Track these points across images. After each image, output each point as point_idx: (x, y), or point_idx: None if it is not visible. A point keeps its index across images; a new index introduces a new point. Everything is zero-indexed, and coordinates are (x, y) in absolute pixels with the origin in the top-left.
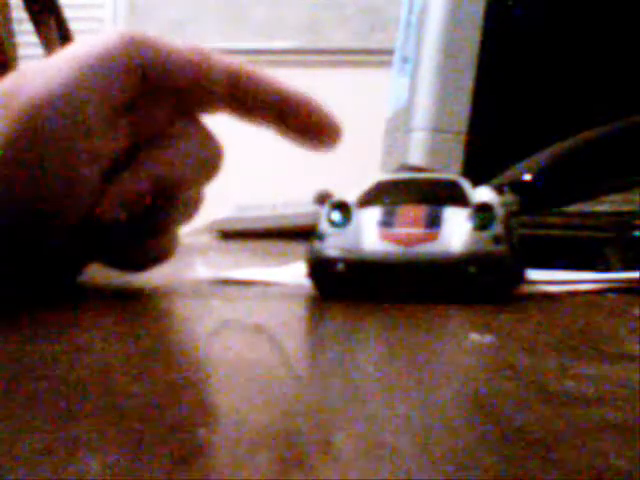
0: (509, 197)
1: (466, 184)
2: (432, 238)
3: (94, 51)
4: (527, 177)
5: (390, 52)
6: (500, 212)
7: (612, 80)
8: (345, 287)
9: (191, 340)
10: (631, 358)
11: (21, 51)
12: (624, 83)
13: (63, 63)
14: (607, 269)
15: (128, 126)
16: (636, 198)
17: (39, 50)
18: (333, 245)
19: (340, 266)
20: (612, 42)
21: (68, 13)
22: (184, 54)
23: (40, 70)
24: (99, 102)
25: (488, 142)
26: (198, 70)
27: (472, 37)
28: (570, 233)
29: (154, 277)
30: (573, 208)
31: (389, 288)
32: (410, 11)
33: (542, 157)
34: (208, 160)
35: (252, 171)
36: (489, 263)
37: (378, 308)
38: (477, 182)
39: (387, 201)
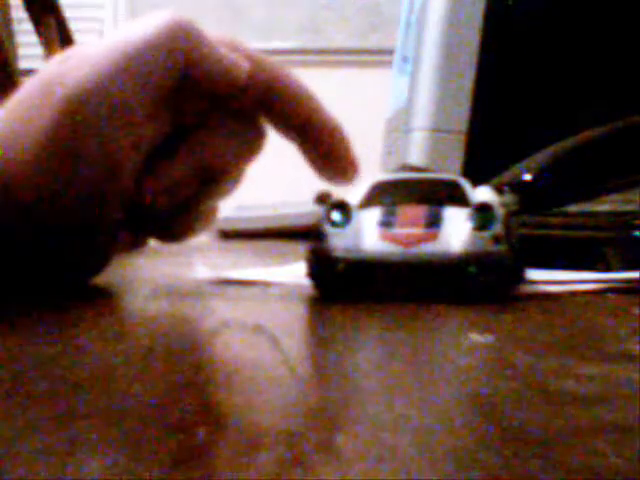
0: (509, 197)
1: (466, 184)
2: (432, 238)
3: (138, 40)
4: (527, 177)
5: (390, 52)
6: (500, 212)
7: (612, 80)
8: (345, 287)
9: (191, 340)
10: (631, 358)
11: (21, 51)
12: (624, 83)
13: (108, 52)
14: (607, 269)
15: (169, 114)
16: (636, 198)
17: (39, 50)
18: (333, 245)
19: (340, 266)
20: (612, 42)
21: (68, 13)
22: (224, 61)
23: (84, 58)
24: (141, 92)
25: (488, 142)
26: (234, 80)
27: (472, 37)
28: (570, 233)
29: (154, 277)
30: (573, 208)
31: (389, 288)
32: (410, 11)
33: (542, 157)
34: (250, 143)
35: (252, 171)
36: (489, 263)
37: (378, 308)
38: (477, 182)
39: (387, 201)
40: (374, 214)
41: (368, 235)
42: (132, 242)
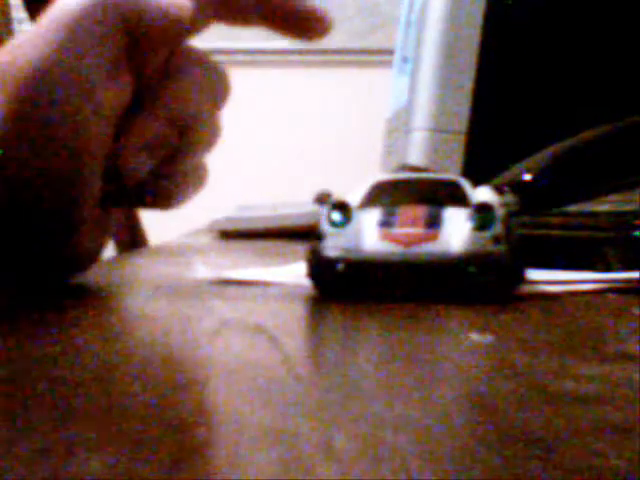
0: (509, 197)
1: (466, 184)
2: (432, 238)
3: (74, 11)
4: (527, 177)
5: (390, 52)
6: (500, 212)
7: (612, 80)
8: (345, 287)
9: (191, 340)
10: (631, 358)
11: None
12: (624, 83)
13: (48, 30)
14: (607, 269)
15: (129, 74)
16: (636, 198)
17: None
18: (333, 245)
19: (340, 266)
20: (612, 42)
21: None
22: (162, 5)
23: (28, 41)
24: (93, 58)
25: (488, 142)
26: (178, 19)
27: (472, 37)
28: (570, 233)
29: (154, 277)
30: (573, 208)
31: (389, 288)
32: (410, 11)
33: (542, 157)
34: (215, 83)
35: (252, 171)
36: (489, 263)
37: (378, 308)
38: (477, 182)
39: (387, 201)
40: (374, 214)
41: (368, 235)
42: (132, 241)
